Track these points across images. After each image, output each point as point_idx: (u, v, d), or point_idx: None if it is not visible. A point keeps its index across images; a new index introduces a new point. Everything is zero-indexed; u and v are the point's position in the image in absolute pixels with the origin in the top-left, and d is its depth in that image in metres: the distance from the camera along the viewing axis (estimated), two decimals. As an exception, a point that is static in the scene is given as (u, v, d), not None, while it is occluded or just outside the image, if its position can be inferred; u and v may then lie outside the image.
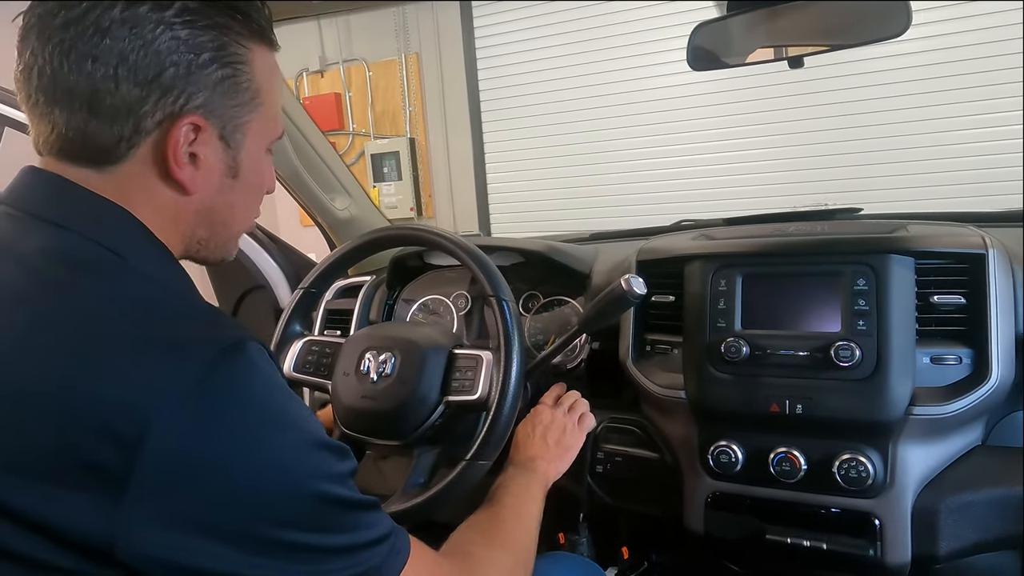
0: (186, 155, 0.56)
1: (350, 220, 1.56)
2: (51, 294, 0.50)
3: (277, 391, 0.51)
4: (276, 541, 0.48)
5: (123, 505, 0.44)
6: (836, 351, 0.88)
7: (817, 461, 0.90)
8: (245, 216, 0.65)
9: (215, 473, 0.46)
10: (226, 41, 0.55)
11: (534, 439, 0.94)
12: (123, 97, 0.52)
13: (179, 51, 0.53)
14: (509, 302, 0.90)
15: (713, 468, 0.95)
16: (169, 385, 0.45)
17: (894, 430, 0.87)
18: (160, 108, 0.53)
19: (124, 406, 0.44)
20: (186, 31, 0.53)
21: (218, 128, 0.57)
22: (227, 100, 0.57)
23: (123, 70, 0.52)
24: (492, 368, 0.90)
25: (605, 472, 1.07)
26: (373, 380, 0.93)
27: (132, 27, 0.51)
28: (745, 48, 1.02)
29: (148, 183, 0.56)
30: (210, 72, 0.55)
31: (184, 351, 0.47)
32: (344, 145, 4.63)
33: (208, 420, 0.46)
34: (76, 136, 0.54)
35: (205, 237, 0.62)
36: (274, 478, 0.48)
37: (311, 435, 0.52)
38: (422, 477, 0.92)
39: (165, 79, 0.53)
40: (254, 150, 0.61)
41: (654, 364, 1.05)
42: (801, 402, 0.89)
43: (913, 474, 0.88)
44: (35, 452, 0.45)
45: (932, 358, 0.90)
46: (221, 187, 0.60)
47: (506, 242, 1.25)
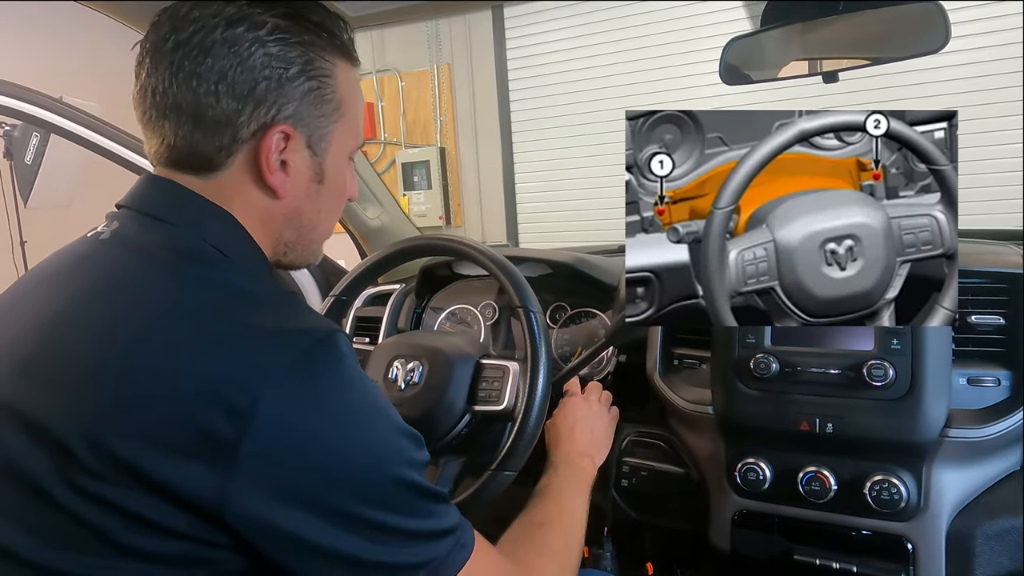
0: (277, 162, 0.60)
1: (381, 229, 1.58)
2: (170, 281, 0.55)
3: (365, 379, 0.56)
4: (357, 516, 0.52)
5: (233, 472, 0.48)
6: (869, 370, 0.86)
7: (848, 481, 0.88)
8: (329, 220, 0.69)
9: (312, 445, 0.50)
10: (312, 56, 0.60)
11: (574, 433, 0.94)
12: (223, 110, 0.57)
13: (271, 66, 0.58)
14: (537, 313, 0.90)
15: (740, 485, 0.94)
16: (276, 365, 0.50)
17: (928, 452, 0.85)
18: (254, 119, 0.58)
19: (237, 380, 0.49)
20: (277, 47, 0.58)
21: (305, 137, 0.61)
22: (313, 111, 0.61)
23: (223, 86, 0.57)
24: (519, 379, 0.91)
25: (630, 486, 1.07)
26: (401, 388, 0.94)
27: (231, 46, 0.57)
28: (778, 62, 1.02)
29: (244, 188, 0.61)
30: (298, 84, 0.59)
31: (288, 337, 0.52)
32: (375, 154, 4.69)
33: (309, 395, 0.51)
34: (183, 146, 0.59)
35: (292, 240, 0.66)
36: (363, 456, 0.53)
37: (395, 421, 0.57)
38: (447, 486, 0.92)
39: (259, 92, 0.58)
40: (337, 158, 0.65)
41: (681, 378, 1.05)
42: (832, 421, 0.88)
43: (948, 498, 0.86)
44: (158, 421, 0.49)
45: (969, 379, 0.88)
46: (308, 192, 0.64)
47: (534, 253, 1.26)
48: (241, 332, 0.52)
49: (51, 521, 0.49)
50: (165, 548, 0.49)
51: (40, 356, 0.53)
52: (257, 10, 0.58)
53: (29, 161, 3.27)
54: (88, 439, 0.49)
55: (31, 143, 3.24)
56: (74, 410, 0.50)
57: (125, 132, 1.32)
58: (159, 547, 0.49)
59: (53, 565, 0.49)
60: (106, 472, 0.48)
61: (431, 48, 4.46)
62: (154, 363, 0.50)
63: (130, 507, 0.48)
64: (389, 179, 4.54)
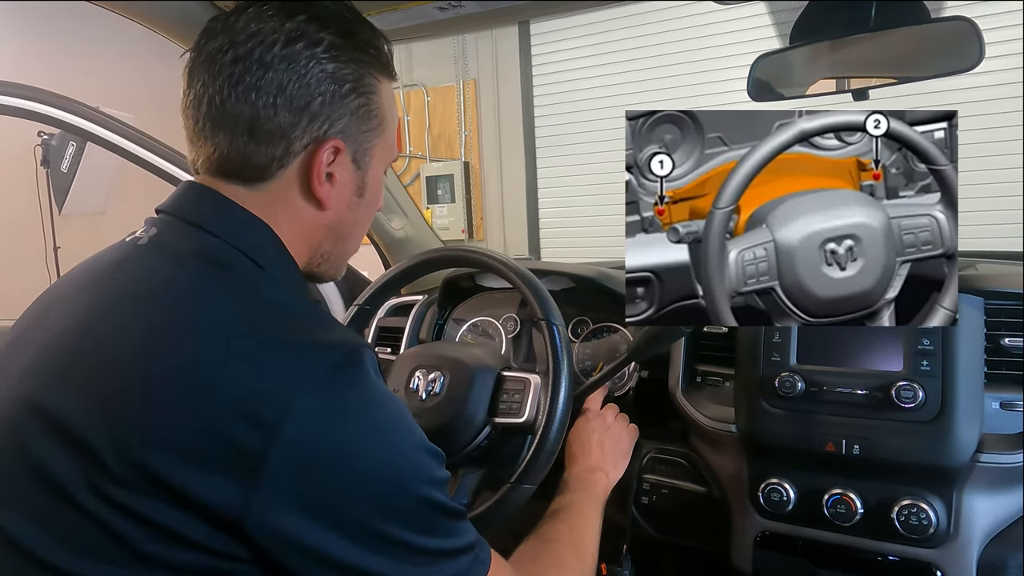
0: (325, 175, 0.62)
1: (405, 240, 1.59)
2: (203, 291, 0.56)
3: (390, 395, 0.57)
4: (378, 532, 0.52)
5: (257, 483, 0.48)
6: (897, 391, 0.84)
7: (874, 505, 0.86)
8: (361, 232, 0.71)
9: (337, 459, 0.51)
10: (362, 73, 0.62)
11: (590, 447, 0.94)
12: (279, 123, 0.59)
13: (326, 82, 0.60)
14: (560, 326, 0.90)
15: (763, 506, 0.93)
16: (305, 377, 0.51)
17: (959, 477, 0.83)
18: (308, 132, 0.60)
19: (265, 392, 0.49)
20: (332, 65, 0.60)
21: (352, 151, 0.63)
22: (360, 126, 0.63)
23: (281, 99, 0.59)
24: (540, 392, 0.90)
25: (651, 504, 1.05)
26: (422, 398, 0.94)
27: (290, 63, 0.58)
28: (807, 80, 1.01)
29: (291, 199, 0.62)
30: (349, 101, 0.61)
31: (316, 350, 0.53)
32: (401, 167, 4.75)
33: (337, 410, 0.51)
34: (236, 156, 0.60)
35: (329, 251, 0.68)
36: (387, 473, 0.53)
37: (419, 438, 0.57)
38: (466, 498, 0.92)
39: (314, 107, 0.60)
40: (377, 171, 0.67)
41: (704, 396, 1.03)
42: (859, 442, 0.86)
43: (979, 525, 0.83)
44: (185, 432, 0.49)
45: (1002, 403, 0.86)
46: (349, 204, 0.66)
47: (557, 267, 1.26)
48: (271, 344, 0.52)
49: (72, 524, 0.49)
50: (183, 558, 0.49)
51: (73, 361, 0.54)
52: (314, 27, 0.59)
53: (65, 169, 3.36)
54: (116, 446, 0.49)
55: (67, 152, 3.34)
56: (104, 417, 0.50)
57: (160, 142, 1.35)
58: (177, 556, 0.49)
59: (68, 568, 0.49)
60: (131, 480, 0.48)
61: (458, 64, 4.52)
62: (183, 374, 0.51)
63: (152, 516, 0.48)
64: (414, 192, 4.58)
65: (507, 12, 0.97)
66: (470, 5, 0.92)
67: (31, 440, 0.52)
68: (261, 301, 0.57)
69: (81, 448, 0.50)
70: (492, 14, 0.96)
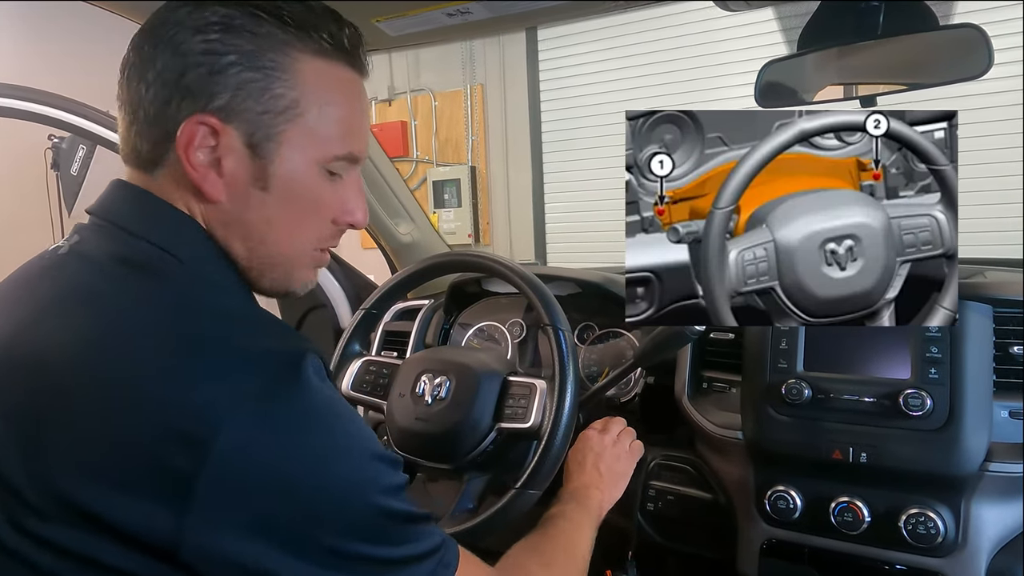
0: (207, 159, 0.55)
1: (412, 244, 1.60)
2: (121, 299, 0.52)
3: (337, 403, 0.53)
4: (331, 548, 0.49)
5: (190, 506, 0.44)
6: (905, 399, 0.84)
7: (882, 513, 0.86)
8: (290, 236, 0.60)
9: (278, 477, 0.47)
10: (261, 47, 0.54)
11: (586, 467, 0.93)
12: (152, 101, 0.55)
13: (203, 55, 0.53)
14: (566, 332, 0.90)
15: (770, 513, 0.92)
16: (239, 391, 0.47)
17: (967, 486, 0.82)
18: (182, 110, 0.54)
19: (195, 409, 0.45)
20: (217, 36, 0.54)
21: (244, 135, 0.55)
22: (254, 105, 0.54)
23: (155, 76, 0.54)
24: (545, 397, 0.90)
25: (656, 510, 1.05)
26: (427, 403, 0.94)
27: (171, 36, 0.54)
28: (815, 86, 1.01)
29: (182, 188, 0.56)
30: (233, 74, 0.54)
31: (251, 359, 0.49)
32: (408, 171, 4.76)
33: (274, 425, 0.47)
34: (132, 144, 0.57)
35: (244, 255, 0.59)
36: (334, 485, 0.49)
37: (369, 445, 0.53)
38: (471, 503, 0.92)
39: (186, 80, 0.53)
40: (296, 164, 0.57)
41: (710, 402, 1.03)
42: (866, 450, 0.86)
43: (988, 535, 0.83)
44: (106, 452, 0.46)
45: (1011, 412, 0.85)
46: (251, 199, 0.57)
47: (563, 272, 1.26)
48: (200, 355, 0.48)
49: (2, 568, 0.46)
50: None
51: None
52: (219, 5, 0.54)
53: (75, 173, 3.40)
54: (32, 477, 0.46)
55: (77, 155, 3.37)
56: (19, 444, 0.47)
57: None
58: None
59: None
60: (55, 513, 0.45)
61: (466, 69, 4.53)
62: (105, 393, 0.47)
63: (83, 550, 0.45)
64: (420, 196, 4.59)
65: (515, 18, 0.97)
66: (478, 11, 0.92)
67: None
68: (188, 307, 0.52)
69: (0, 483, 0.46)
70: (500, 20, 0.97)
